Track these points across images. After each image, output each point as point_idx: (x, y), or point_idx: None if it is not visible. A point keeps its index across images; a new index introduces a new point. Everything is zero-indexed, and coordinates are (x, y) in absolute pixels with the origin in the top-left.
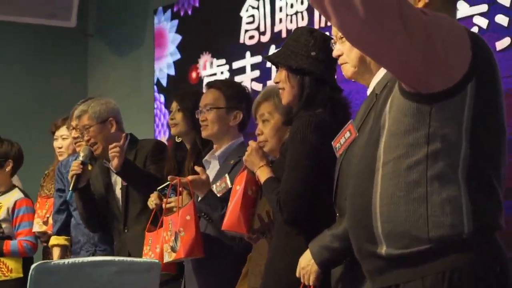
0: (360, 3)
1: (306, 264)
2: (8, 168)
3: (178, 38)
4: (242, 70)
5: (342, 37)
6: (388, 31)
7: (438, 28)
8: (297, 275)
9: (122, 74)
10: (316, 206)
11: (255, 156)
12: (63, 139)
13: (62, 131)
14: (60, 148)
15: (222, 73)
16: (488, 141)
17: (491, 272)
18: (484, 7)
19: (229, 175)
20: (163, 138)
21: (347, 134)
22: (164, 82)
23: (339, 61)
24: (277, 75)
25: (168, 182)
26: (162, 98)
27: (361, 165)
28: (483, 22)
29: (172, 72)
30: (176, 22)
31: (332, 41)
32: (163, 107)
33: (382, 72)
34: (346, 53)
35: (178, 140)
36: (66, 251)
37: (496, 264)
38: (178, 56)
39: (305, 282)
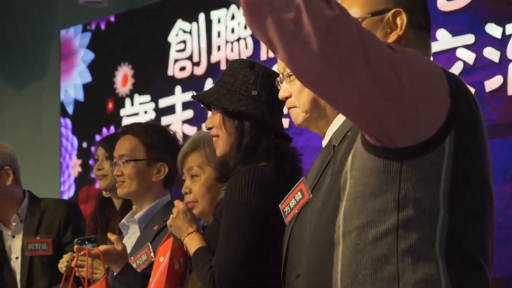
0: (314, 34)
1: None
2: None
3: (90, 55)
4: (171, 110)
5: (291, 75)
6: (347, 70)
7: (409, 68)
8: None
9: (20, 111)
10: (260, 285)
11: (182, 221)
12: None
13: None
14: None
15: (146, 112)
16: (471, 206)
17: None
18: (470, 38)
19: (152, 245)
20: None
21: (298, 196)
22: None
23: (287, 105)
24: (209, 119)
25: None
26: (69, 134)
27: (318, 236)
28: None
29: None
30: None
31: (278, 78)
32: (69, 146)
33: (340, 119)
34: (295, 95)
35: (106, 195)
36: None
37: None
38: (89, 78)
39: None
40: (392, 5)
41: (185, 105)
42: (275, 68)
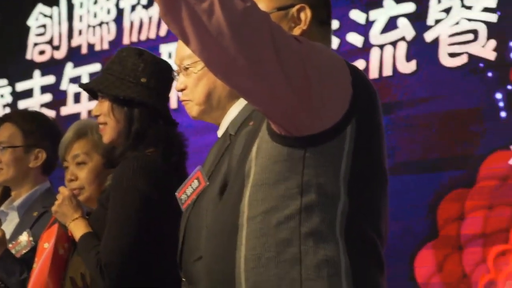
0: (226, 26)
1: None
2: None
3: None
4: (28, 93)
5: (187, 67)
6: (257, 62)
7: (314, 60)
8: None
9: None
10: (151, 271)
11: (67, 207)
12: None
13: None
14: None
15: (2, 96)
16: (368, 191)
17: None
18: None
19: (31, 231)
20: None
21: (195, 184)
22: None
23: (182, 97)
24: (96, 107)
25: None
26: None
27: (221, 221)
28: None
29: None
30: None
31: (175, 72)
32: None
33: (236, 108)
34: (190, 88)
35: None
36: None
37: None
38: None
39: None
40: (297, 1)
41: (44, 89)
42: None
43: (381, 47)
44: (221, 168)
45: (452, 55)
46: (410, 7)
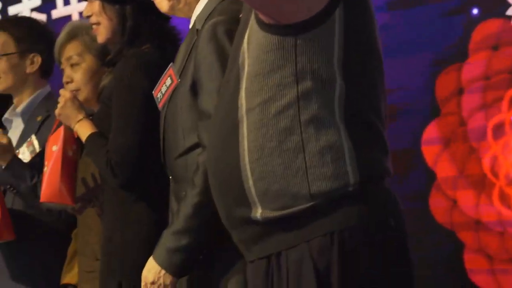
0: None
1: (156, 278)
2: None
3: None
4: None
5: None
6: None
7: None
8: None
9: None
10: (155, 165)
11: (70, 108)
12: None
13: None
14: None
15: None
16: (364, 73)
17: (386, 227)
18: None
19: (36, 136)
20: None
21: (168, 81)
22: None
23: None
24: (87, 7)
25: None
26: None
27: (220, 117)
28: None
29: None
30: None
31: None
32: None
33: (202, 2)
34: None
35: None
36: None
37: (390, 217)
38: None
39: None
40: None
41: None
42: None
43: None
44: (190, 64)
45: None
46: None
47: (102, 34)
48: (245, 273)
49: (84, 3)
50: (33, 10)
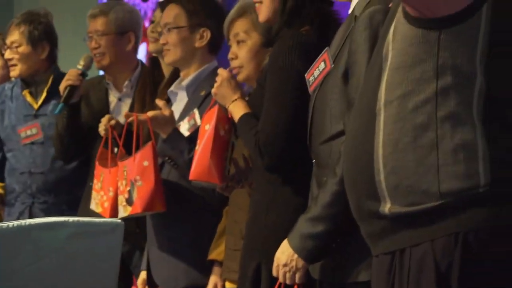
0: None
1: (289, 261)
2: None
3: None
4: None
5: None
6: None
7: None
8: (275, 273)
9: None
10: (302, 148)
11: (226, 88)
12: None
13: None
14: None
15: None
16: (508, 73)
17: None
18: None
19: (199, 110)
20: None
21: (322, 66)
22: None
23: None
24: None
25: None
26: None
27: (360, 106)
28: None
29: None
30: None
31: None
32: None
33: None
34: None
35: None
36: None
37: None
38: None
39: (288, 282)
40: None
41: None
42: None
43: None
44: (345, 50)
45: None
46: None
47: (263, 12)
48: None
49: None
50: None
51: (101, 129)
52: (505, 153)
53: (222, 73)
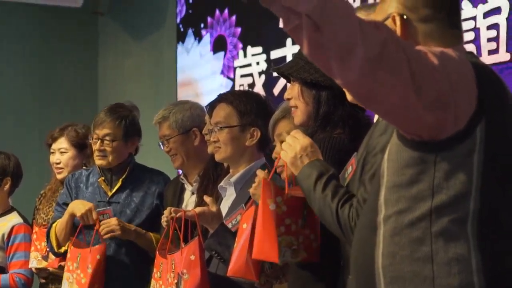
0: (366, 62)
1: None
2: (6, 187)
3: None
4: (282, 61)
5: None
6: (394, 86)
7: (447, 72)
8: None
9: (139, 63)
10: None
11: None
12: (61, 153)
13: (61, 143)
14: (57, 163)
15: (258, 63)
16: (501, 185)
17: None
18: None
19: (246, 206)
20: None
21: (349, 169)
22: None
23: None
24: (288, 90)
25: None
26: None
27: (363, 218)
28: None
29: None
30: None
31: None
32: None
33: None
34: None
35: None
36: None
37: None
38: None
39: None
40: (392, 10)
41: None
42: None
43: None
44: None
45: None
46: None
47: (298, 117)
48: None
49: None
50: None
51: (163, 220)
52: (499, 263)
53: (260, 174)
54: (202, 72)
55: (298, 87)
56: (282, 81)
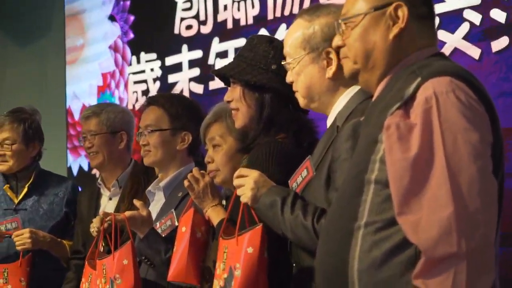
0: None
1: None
2: None
3: None
4: (177, 68)
5: (288, 63)
6: None
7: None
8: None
9: (26, 71)
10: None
11: (207, 193)
12: None
13: None
14: None
15: (152, 70)
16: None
17: None
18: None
19: (176, 211)
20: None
21: (304, 173)
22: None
23: (294, 88)
24: (228, 93)
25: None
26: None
27: (335, 220)
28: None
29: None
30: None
31: (284, 63)
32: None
33: (344, 100)
34: (295, 81)
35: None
36: None
37: None
38: None
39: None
40: None
41: (192, 63)
42: (281, 29)
43: None
44: (327, 158)
45: None
46: None
47: (239, 119)
48: None
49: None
50: (191, 80)
51: (93, 230)
52: None
53: (206, 178)
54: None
55: (240, 89)
56: (178, 87)
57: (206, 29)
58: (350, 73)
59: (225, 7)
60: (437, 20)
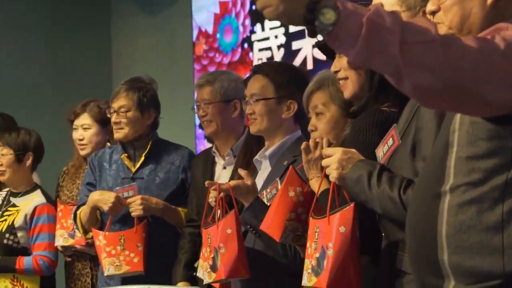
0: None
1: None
2: (28, 162)
3: None
4: (301, 34)
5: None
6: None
7: None
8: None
9: (153, 40)
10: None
11: (316, 162)
12: (84, 129)
13: (83, 119)
14: (81, 140)
15: (276, 37)
16: None
17: None
18: None
19: (280, 180)
20: None
21: (390, 142)
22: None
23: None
24: (335, 62)
25: None
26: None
27: (423, 186)
28: None
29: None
30: None
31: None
32: None
33: None
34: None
35: None
36: None
37: None
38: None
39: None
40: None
41: None
42: None
43: None
44: (412, 126)
45: None
46: None
47: (349, 88)
48: None
49: None
50: (314, 46)
51: (211, 200)
52: None
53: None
54: None
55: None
56: (301, 54)
57: None
58: None
59: None
60: None
